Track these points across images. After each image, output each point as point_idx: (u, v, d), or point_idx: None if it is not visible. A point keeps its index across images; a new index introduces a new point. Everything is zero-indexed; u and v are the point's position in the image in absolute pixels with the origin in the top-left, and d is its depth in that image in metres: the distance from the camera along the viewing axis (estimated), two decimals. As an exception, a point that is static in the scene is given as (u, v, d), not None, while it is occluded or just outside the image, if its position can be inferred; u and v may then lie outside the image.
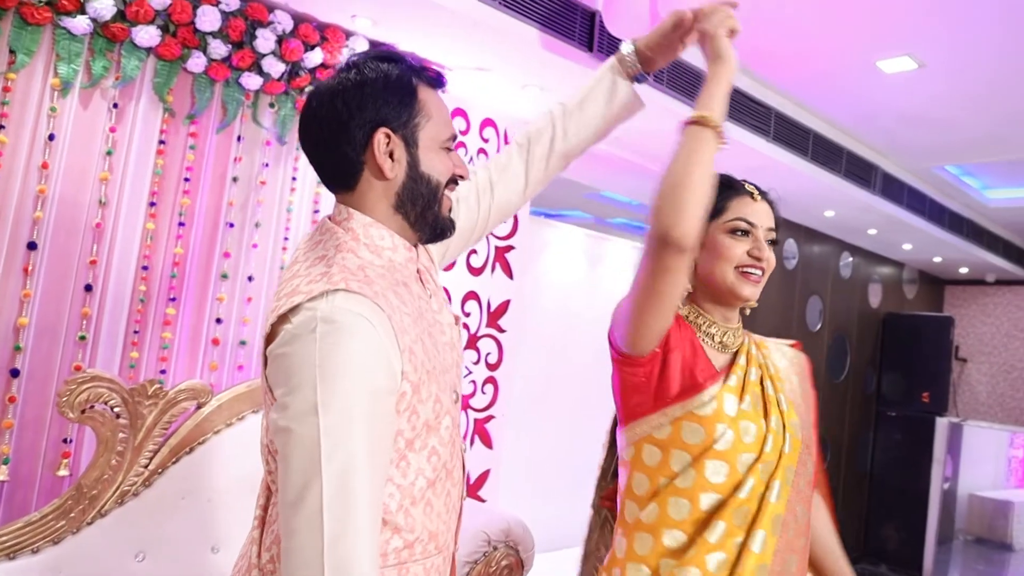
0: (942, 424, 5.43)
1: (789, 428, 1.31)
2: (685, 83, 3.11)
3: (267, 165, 2.40)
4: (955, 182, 5.25)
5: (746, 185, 1.39)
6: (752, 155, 3.65)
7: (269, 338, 0.96)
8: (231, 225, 2.32)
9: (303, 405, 0.88)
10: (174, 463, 1.97)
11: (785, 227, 5.32)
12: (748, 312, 1.42)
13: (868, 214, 4.94)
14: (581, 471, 3.75)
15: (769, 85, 3.66)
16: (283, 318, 0.94)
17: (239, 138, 2.34)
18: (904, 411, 5.70)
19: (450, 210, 1.12)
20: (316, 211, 2.53)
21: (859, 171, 4.40)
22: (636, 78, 1.40)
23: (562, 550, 3.12)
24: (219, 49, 2.20)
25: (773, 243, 1.39)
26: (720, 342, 1.36)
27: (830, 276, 6.06)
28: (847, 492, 6.24)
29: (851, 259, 6.32)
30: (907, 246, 6.20)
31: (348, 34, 2.49)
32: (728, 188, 1.39)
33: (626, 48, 1.39)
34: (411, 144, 1.06)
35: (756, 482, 1.24)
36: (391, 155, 1.04)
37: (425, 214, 1.09)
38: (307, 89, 2.44)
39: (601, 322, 4.09)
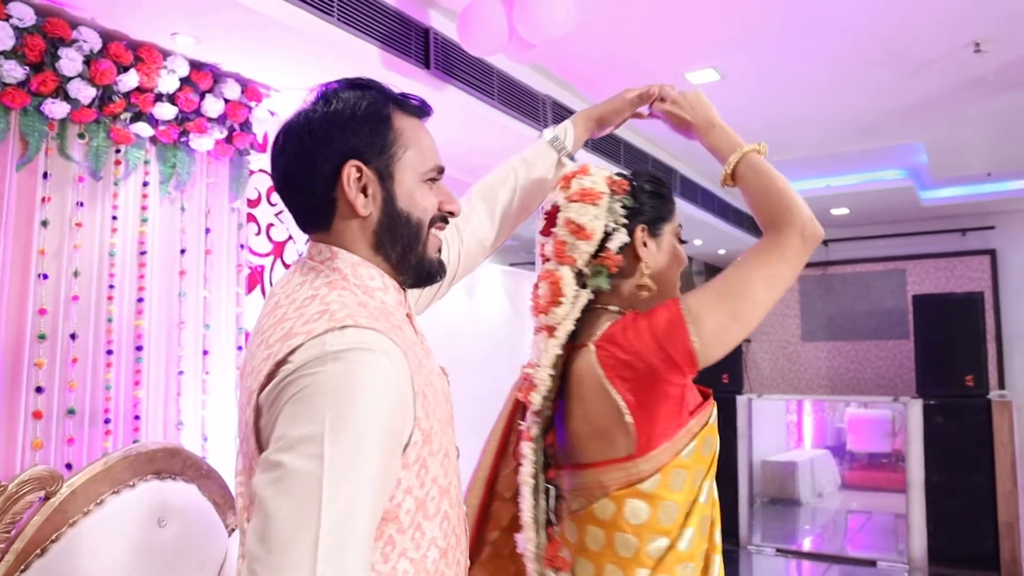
0: (742, 401, 5.95)
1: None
2: (518, 100, 3.14)
3: (81, 204, 2.08)
4: (737, 181, 5.80)
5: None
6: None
7: (263, 386, 0.81)
8: (44, 277, 1.98)
9: (303, 432, 0.73)
10: (23, 571, 1.61)
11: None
12: None
13: (670, 215, 5.31)
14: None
15: (586, 98, 3.80)
16: (281, 362, 0.80)
17: (45, 175, 2.00)
18: (710, 393, 6.19)
19: (439, 250, 1.01)
20: (143, 252, 2.23)
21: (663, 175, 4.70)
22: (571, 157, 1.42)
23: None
24: (14, 71, 1.88)
25: None
26: None
27: (635, 275, 6.43)
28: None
29: (652, 257, 6.76)
30: (698, 241, 6.75)
31: (166, 54, 2.23)
32: (671, 194, 1.37)
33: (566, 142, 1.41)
34: (385, 178, 0.94)
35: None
36: (364, 190, 0.93)
37: (407, 256, 0.97)
38: (122, 116, 2.15)
39: (484, 348, 3.93)
